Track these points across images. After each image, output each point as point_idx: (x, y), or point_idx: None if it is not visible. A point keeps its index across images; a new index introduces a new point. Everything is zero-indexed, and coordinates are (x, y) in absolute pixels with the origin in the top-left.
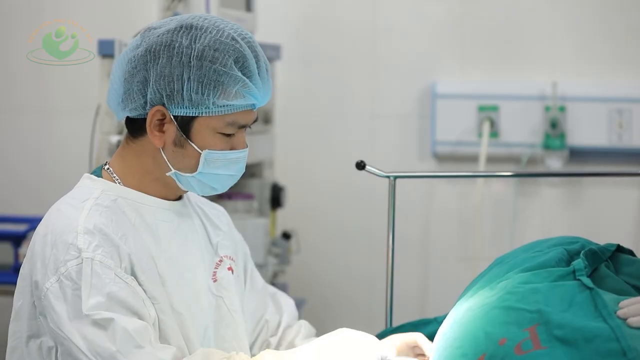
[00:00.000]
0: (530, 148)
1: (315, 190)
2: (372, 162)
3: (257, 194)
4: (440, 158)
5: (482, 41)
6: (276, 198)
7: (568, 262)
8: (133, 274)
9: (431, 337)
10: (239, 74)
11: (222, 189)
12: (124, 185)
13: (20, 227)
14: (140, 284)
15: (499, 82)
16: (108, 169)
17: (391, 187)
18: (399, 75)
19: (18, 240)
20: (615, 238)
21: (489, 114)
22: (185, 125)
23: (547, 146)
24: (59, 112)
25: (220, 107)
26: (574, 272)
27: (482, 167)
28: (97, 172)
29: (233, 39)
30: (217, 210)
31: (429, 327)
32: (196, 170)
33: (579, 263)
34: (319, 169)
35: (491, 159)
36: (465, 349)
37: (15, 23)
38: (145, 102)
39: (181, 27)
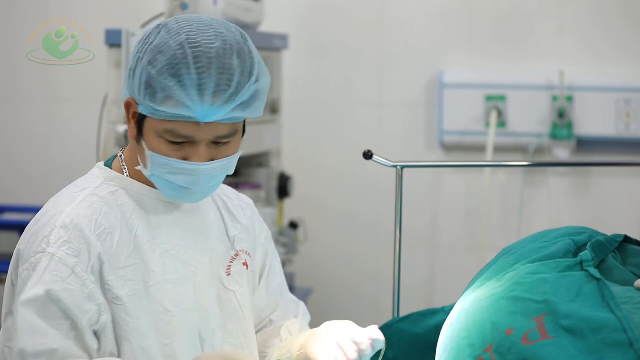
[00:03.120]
0: (538, 138)
1: (323, 180)
2: (379, 151)
3: (264, 184)
4: (448, 148)
5: (490, 31)
6: (283, 187)
7: (575, 253)
8: (100, 273)
9: (439, 327)
10: (170, 81)
11: (180, 198)
12: (130, 175)
13: (27, 217)
14: (106, 284)
15: (507, 72)
16: (121, 156)
17: (398, 177)
18: (407, 64)
19: (24, 229)
20: (623, 228)
21: (496, 104)
22: (140, 121)
23: (554, 136)
24: (65, 101)
25: (155, 111)
26: (581, 263)
27: (489, 156)
28: (110, 161)
29: (181, 46)
30: (242, 202)
31: (436, 317)
32: (147, 170)
33: (586, 254)
34: (326, 159)
35: (498, 149)
36: (472, 339)
37: (21, 11)
38: (127, 93)
39: (160, 24)
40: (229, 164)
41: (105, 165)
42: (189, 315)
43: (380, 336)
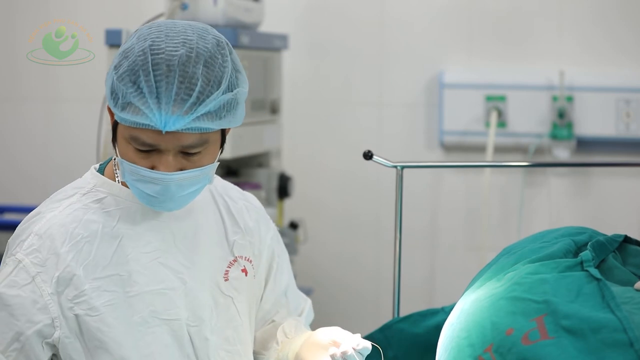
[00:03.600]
0: (538, 138)
1: (323, 180)
2: (379, 151)
3: (264, 184)
4: (448, 148)
5: (490, 31)
6: (283, 188)
7: (575, 253)
8: (71, 284)
9: (439, 327)
10: (130, 88)
11: (152, 206)
12: (122, 180)
13: None
14: (82, 294)
15: (507, 72)
16: (115, 159)
17: (398, 177)
18: (407, 64)
19: None
20: (623, 228)
21: (496, 104)
22: (114, 128)
23: (554, 136)
24: (65, 101)
25: (118, 117)
26: (581, 263)
27: (489, 157)
28: (104, 165)
29: (144, 52)
30: (249, 203)
31: (436, 317)
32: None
33: (586, 254)
34: (326, 159)
35: (498, 149)
36: (472, 339)
37: (21, 11)
38: None
39: (138, 29)
40: (203, 175)
41: (100, 168)
42: (174, 324)
43: (365, 344)
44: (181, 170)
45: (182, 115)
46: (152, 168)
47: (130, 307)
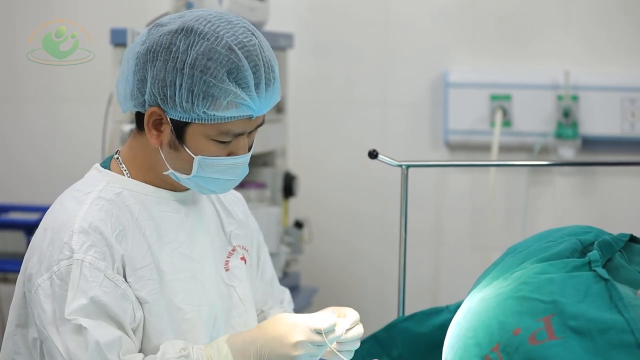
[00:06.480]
0: (543, 137)
1: (328, 179)
2: (384, 151)
3: (269, 183)
4: (453, 147)
5: (495, 30)
6: (288, 187)
7: (582, 253)
8: (124, 275)
9: (444, 326)
10: (232, 86)
11: (221, 191)
12: (132, 176)
13: (32, 216)
14: (129, 285)
15: (512, 71)
16: (117, 158)
17: (403, 176)
18: (411, 63)
19: (30, 229)
20: (628, 227)
21: (501, 103)
22: (179, 129)
23: (559, 135)
24: (66, 101)
25: (210, 116)
26: (589, 263)
27: (494, 156)
28: (106, 162)
29: (230, 48)
30: (234, 197)
31: (441, 315)
32: (191, 173)
33: (594, 254)
34: (331, 158)
35: (503, 148)
36: (479, 339)
37: (21, 11)
38: (144, 101)
39: (182, 29)
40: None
41: (102, 167)
42: (202, 310)
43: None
44: (249, 148)
45: (272, 97)
46: (228, 155)
47: (165, 295)
